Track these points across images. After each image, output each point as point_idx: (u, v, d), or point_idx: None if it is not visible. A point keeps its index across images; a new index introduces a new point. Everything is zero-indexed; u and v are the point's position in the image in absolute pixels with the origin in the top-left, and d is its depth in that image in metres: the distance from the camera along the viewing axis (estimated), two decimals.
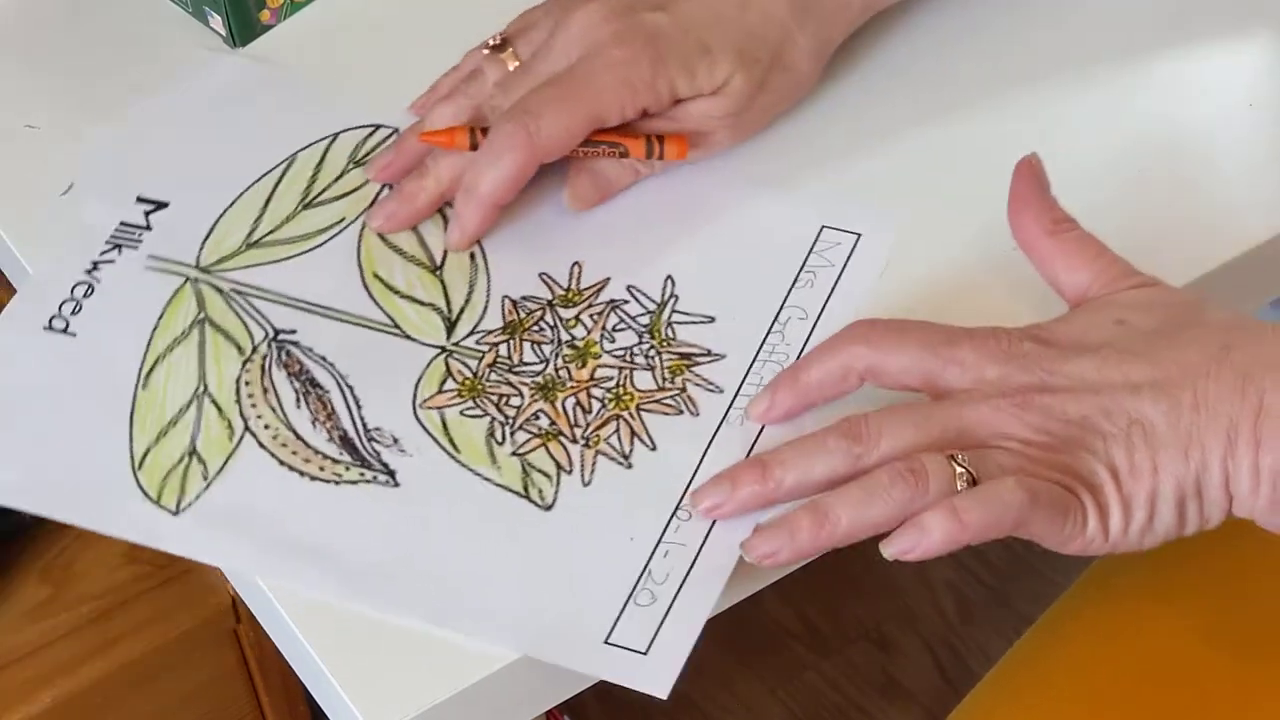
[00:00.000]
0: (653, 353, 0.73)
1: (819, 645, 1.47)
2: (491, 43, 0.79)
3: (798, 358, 0.72)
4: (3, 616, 1.03)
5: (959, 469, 0.64)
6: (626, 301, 0.75)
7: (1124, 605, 0.83)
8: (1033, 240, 0.71)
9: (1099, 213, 0.73)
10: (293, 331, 0.74)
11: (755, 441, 0.70)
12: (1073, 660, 0.81)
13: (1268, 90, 0.79)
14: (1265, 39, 0.81)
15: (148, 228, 0.78)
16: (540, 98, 0.74)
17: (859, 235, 0.76)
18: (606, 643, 0.64)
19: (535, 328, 0.74)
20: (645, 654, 0.64)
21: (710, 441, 0.70)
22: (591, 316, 0.74)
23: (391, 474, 0.70)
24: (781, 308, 0.74)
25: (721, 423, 0.71)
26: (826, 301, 0.74)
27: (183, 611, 1.04)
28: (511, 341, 0.74)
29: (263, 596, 0.68)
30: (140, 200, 0.79)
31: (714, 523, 0.67)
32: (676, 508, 0.68)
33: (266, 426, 0.71)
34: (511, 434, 0.71)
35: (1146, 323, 0.68)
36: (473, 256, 0.77)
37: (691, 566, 0.66)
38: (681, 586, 0.66)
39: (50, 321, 0.75)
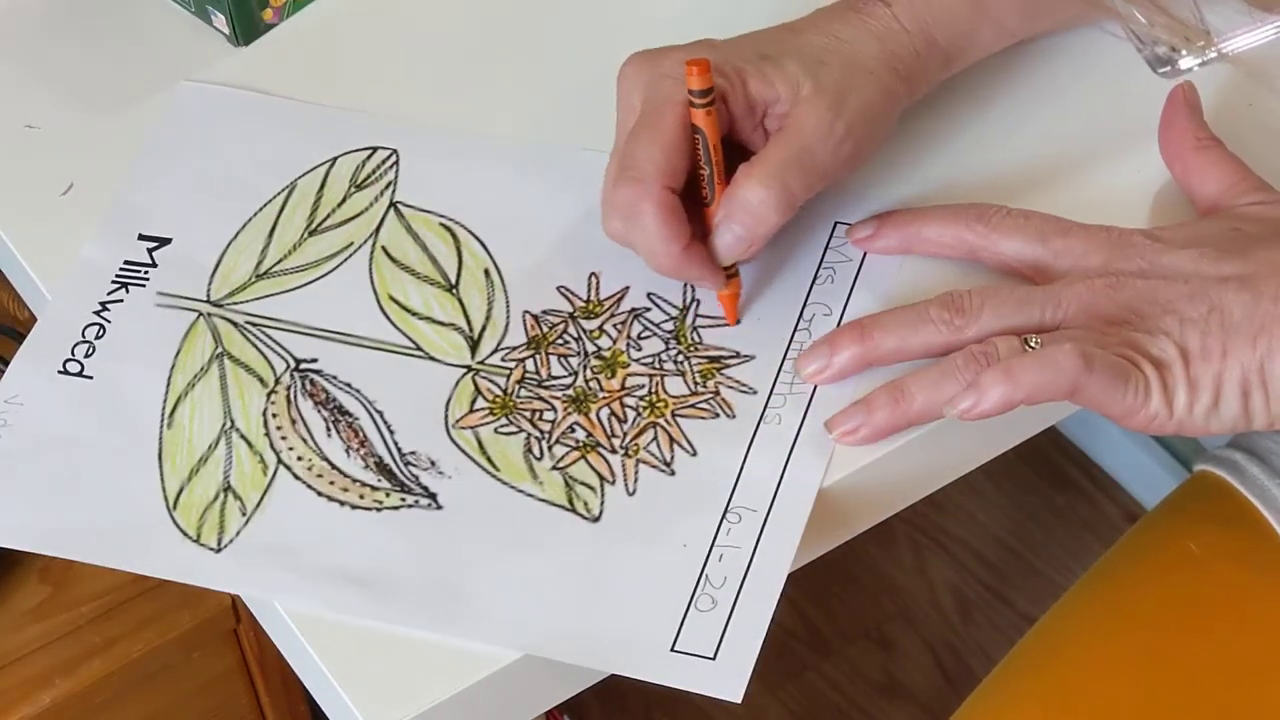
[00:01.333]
0: (681, 358, 0.73)
1: (819, 645, 1.47)
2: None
3: None
4: (3, 616, 1.03)
5: (1029, 350, 0.67)
6: (648, 309, 0.75)
7: (1126, 604, 0.83)
8: (1176, 153, 0.75)
9: (1100, 211, 0.73)
10: (314, 360, 0.74)
11: (796, 439, 0.70)
12: (1075, 659, 0.82)
13: (1267, 91, 0.80)
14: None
15: (153, 264, 0.77)
16: None
17: None
18: (673, 651, 0.64)
19: (560, 341, 0.74)
20: (713, 659, 0.64)
21: (750, 442, 0.70)
22: (615, 326, 0.74)
23: (433, 497, 0.69)
24: (804, 305, 0.74)
25: (759, 422, 0.70)
26: (849, 296, 0.74)
27: (183, 611, 1.04)
28: (538, 356, 0.73)
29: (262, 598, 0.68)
30: (142, 238, 0.78)
31: (765, 523, 0.67)
32: (726, 511, 0.68)
33: (300, 458, 0.71)
34: (549, 448, 0.70)
35: (1257, 231, 0.70)
36: (488, 273, 0.76)
37: (748, 568, 0.66)
38: (741, 589, 0.66)
39: (64, 365, 0.74)
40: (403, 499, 0.69)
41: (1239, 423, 0.68)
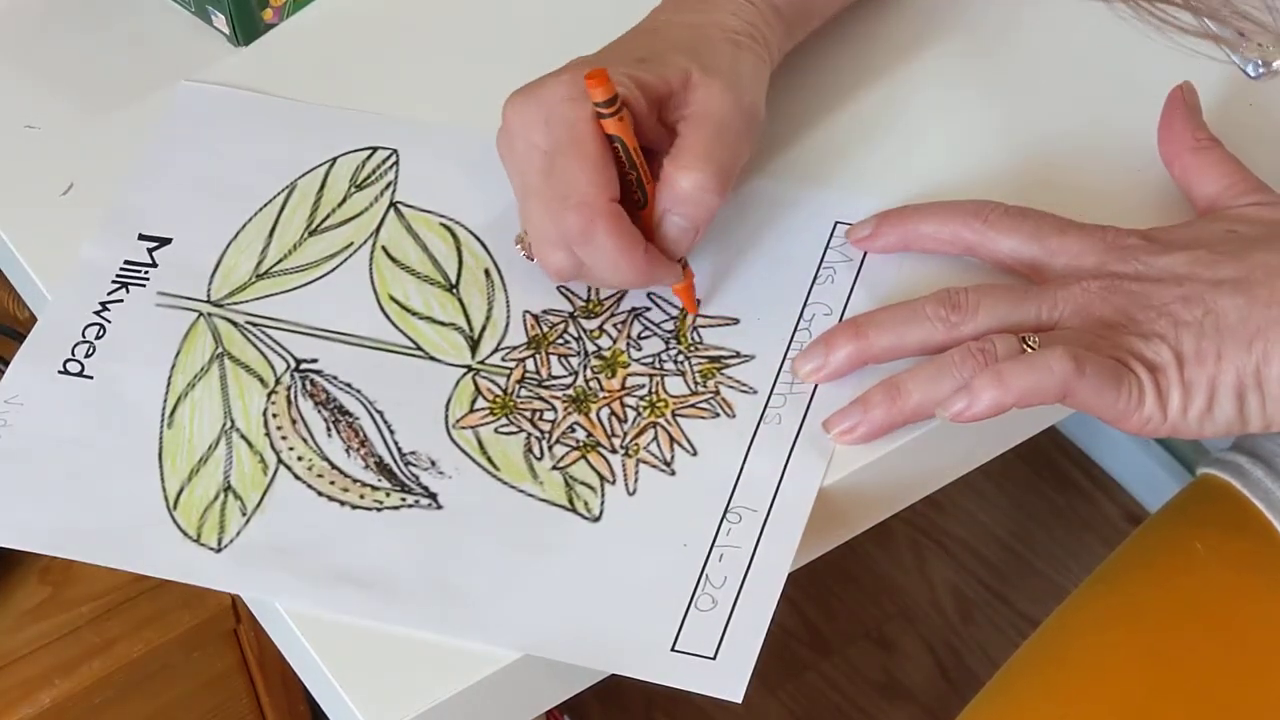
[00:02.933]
0: (681, 358, 0.73)
1: (819, 645, 1.47)
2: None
3: None
4: (3, 616, 1.03)
5: (1027, 349, 0.67)
6: (648, 309, 0.75)
7: (1131, 607, 0.83)
8: (1175, 154, 0.75)
9: (1100, 210, 0.73)
10: (314, 360, 0.74)
11: (796, 439, 0.70)
12: (1080, 662, 0.82)
13: (1267, 89, 0.80)
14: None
15: (153, 264, 0.77)
16: None
17: None
18: (673, 650, 0.64)
19: (560, 341, 0.74)
20: (714, 659, 0.64)
21: (751, 442, 0.70)
22: (615, 326, 0.74)
23: (433, 496, 0.69)
24: (805, 305, 0.74)
25: (760, 422, 0.70)
26: (849, 296, 0.74)
27: (183, 611, 1.05)
28: (538, 356, 0.73)
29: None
30: (142, 238, 0.78)
31: (766, 523, 0.67)
32: (726, 510, 0.68)
33: (300, 458, 0.71)
34: (549, 448, 0.70)
35: (1254, 233, 0.70)
36: (488, 273, 0.76)
37: (748, 568, 0.66)
38: (741, 588, 0.66)
39: (64, 365, 0.74)
40: (403, 499, 0.69)
41: (1234, 426, 0.68)
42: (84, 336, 0.75)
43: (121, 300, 0.76)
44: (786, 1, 0.77)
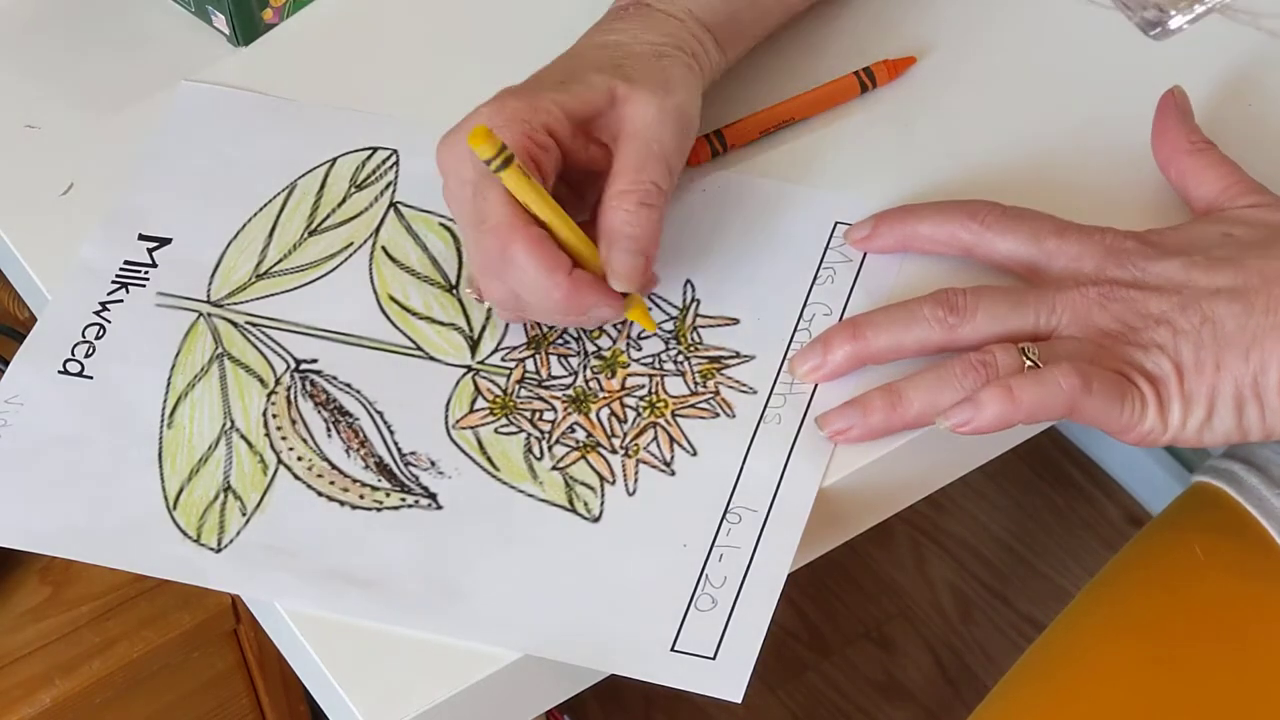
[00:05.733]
0: (681, 358, 0.73)
1: (819, 645, 1.47)
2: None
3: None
4: (3, 616, 1.03)
5: (1028, 361, 0.67)
6: (648, 309, 0.75)
7: (1133, 613, 0.83)
8: (1170, 157, 0.75)
9: (1098, 210, 0.73)
10: (314, 361, 0.74)
11: (796, 439, 0.70)
12: (1083, 667, 0.82)
13: (1266, 90, 0.80)
14: (1263, 40, 0.82)
15: (153, 264, 0.77)
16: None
17: None
18: (673, 650, 0.64)
19: (560, 341, 0.74)
20: (714, 659, 0.64)
21: (750, 442, 0.70)
22: (615, 326, 0.74)
23: (433, 497, 0.69)
24: (805, 305, 0.74)
25: (759, 422, 0.70)
26: (849, 297, 0.74)
27: (182, 611, 1.05)
28: (537, 356, 0.73)
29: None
30: (142, 238, 0.78)
31: (765, 523, 0.67)
32: (726, 511, 0.68)
33: (300, 458, 0.71)
34: (549, 448, 0.70)
35: (1250, 236, 0.70)
36: None
37: (748, 568, 0.66)
38: (741, 588, 0.66)
39: (64, 365, 0.74)
40: (403, 499, 0.69)
41: (1233, 435, 0.68)
42: (84, 336, 0.75)
43: (121, 300, 0.76)
44: (715, 20, 0.76)
